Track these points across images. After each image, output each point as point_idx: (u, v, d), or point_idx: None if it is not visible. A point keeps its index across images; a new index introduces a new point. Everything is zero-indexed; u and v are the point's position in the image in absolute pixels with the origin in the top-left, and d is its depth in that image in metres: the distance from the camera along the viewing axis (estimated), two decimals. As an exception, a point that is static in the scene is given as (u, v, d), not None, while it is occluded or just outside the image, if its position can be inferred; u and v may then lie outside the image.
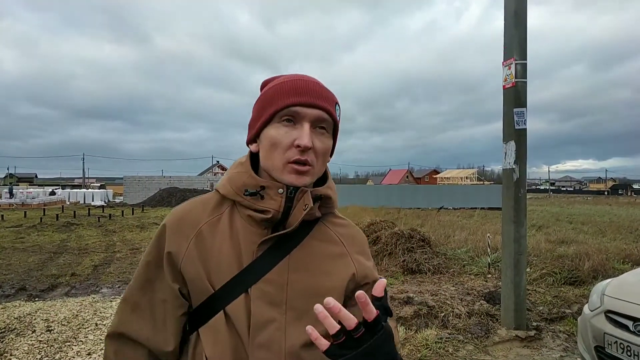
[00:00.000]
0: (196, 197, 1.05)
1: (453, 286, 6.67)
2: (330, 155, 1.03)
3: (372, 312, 0.74)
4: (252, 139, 1.01)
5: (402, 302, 5.51)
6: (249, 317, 0.90)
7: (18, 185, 53.04)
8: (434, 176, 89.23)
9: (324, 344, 0.74)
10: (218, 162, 66.34)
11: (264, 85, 1.04)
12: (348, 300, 0.99)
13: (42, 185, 63.09)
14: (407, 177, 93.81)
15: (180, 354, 0.97)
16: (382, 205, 26.10)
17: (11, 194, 33.53)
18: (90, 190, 43.45)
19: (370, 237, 9.20)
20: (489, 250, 8.06)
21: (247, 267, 0.93)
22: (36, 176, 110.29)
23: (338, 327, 0.73)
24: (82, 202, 36.87)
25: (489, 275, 7.46)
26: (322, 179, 1.05)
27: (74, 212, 21.82)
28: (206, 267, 0.93)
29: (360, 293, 0.72)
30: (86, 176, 78.15)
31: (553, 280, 6.82)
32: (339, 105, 1.02)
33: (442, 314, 5.13)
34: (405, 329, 4.67)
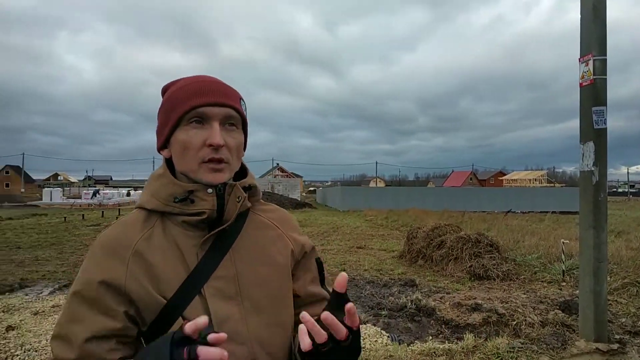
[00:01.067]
0: (118, 220, 1.03)
1: (524, 293, 6.36)
2: (244, 150, 1.05)
3: (342, 331, 0.79)
4: (163, 145, 1.01)
5: (470, 309, 5.33)
6: (209, 316, 0.89)
7: (100, 187, 56.98)
8: (500, 178, 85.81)
9: (307, 345, 0.79)
10: (278, 164, 67.39)
11: (164, 90, 1.04)
12: (294, 275, 1.08)
13: (116, 187, 67.26)
14: (471, 179, 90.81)
15: None
16: (445, 209, 25.44)
17: (94, 195, 36.44)
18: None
19: (434, 241, 8.99)
20: (563, 256, 7.61)
21: (194, 270, 0.93)
22: (111, 178, 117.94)
23: (310, 342, 0.79)
24: (153, 203, 38.85)
25: (564, 283, 7.04)
26: (242, 172, 1.07)
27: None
28: (152, 281, 0.91)
29: (325, 315, 0.77)
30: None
31: (637, 291, 6.32)
32: (243, 101, 1.04)
33: (514, 322, 4.91)
34: (474, 336, 4.51)
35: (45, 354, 3.92)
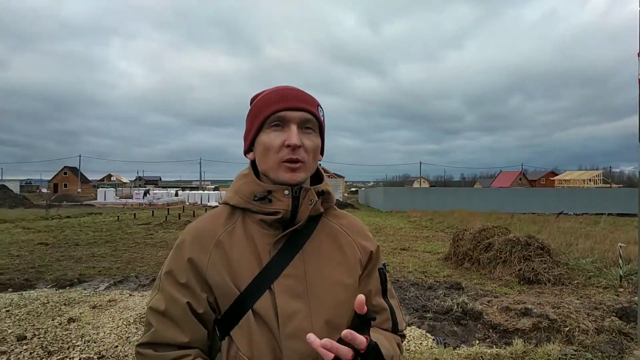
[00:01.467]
0: (206, 213, 1.14)
1: (578, 299, 6.09)
2: (321, 154, 1.12)
3: (362, 342, 0.85)
4: (248, 149, 1.11)
5: (519, 314, 5.17)
6: (276, 311, 0.97)
7: (151, 187, 59.31)
8: (552, 178, 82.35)
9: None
10: (320, 164, 67.50)
11: (252, 100, 1.12)
12: (360, 283, 1.10)
13: (165, 188, 69.65)
14: (520, 179, 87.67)
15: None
16: (493, 210, 24.72)
17: (145, 195, 38.17)
18: (206, 192, 47.00)
19: (482, 243, 8.77)
20: (620, 261, 7.23)
21: (266, 266, 1.00)
22: (160, 179, 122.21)
23: (332, 356, 0.83)
24: (199, 202, 40.05)
25: (621, 289, 6.69)
26: (318, 178, 1.14)
27: (193, 211, 23.81)
28: (229, 272, 1.00)
29: (345, 333, 0.82)
30: (203, 179, 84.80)
31: (703, 299, 5.92)
32: (321, 107, 1.10)
33: (566, 329, 4.71)
34: (524, 341, 4.37)
35: (103, 345, 4.13)
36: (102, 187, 50.86)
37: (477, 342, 4.52)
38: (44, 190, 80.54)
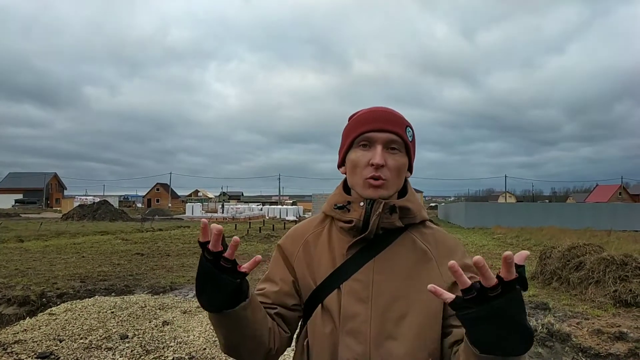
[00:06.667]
0: (308, 217, 1.34)
1: (684, 325, 5.52)
2: (410, 171, 1.20)
3: (512, 273, 0.74)
4: (341, 163, 1.22)
5: (612, 337, 4.81)
6: (339, 309, 1.08)
7: (233, 202, 62.19)
8: (657, 193, 74.53)
9: (449, 297, 0.81)
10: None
11: (350, 118, 1.23)
12: (446, 310, 1.06)
13: (247, 202, 72.51)
14: (620, 193, 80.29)
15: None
16: (587, 227, 22.91)
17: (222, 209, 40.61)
18: (284, 206, 48.32)
19: (572, 262, 8.21)
20: None
21: (339, 267, 1.12)
22: (242, 194, 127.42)
23: (469, 283, 0.78)
24: (278, 217, 41.26)
25: None
26: (404, 193, 1.19)
27: (273, 225, 24.59)
28: (310, 267, 1.16)
29: (477, 258, 0.74)
30: (282, 194, 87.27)
31: None
32: (411, 128, 1.17)
33: (669, 357, 4.31)
34: (618, 368, 4.07)
35: (193, 347, 4.47)
36: (189, 202, 54.05)
37: (565, 365, 4.27)
38: (139, 205, 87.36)
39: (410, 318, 1.06)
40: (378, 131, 1.11)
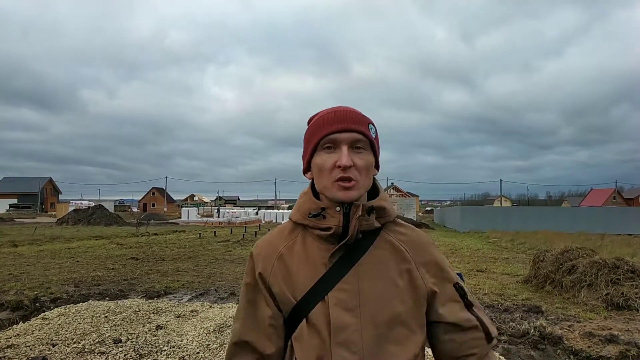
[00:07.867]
0: (274, 228, 1.25)
1: (675, 328, 5.57)
2: (377, 169, 1.16)
3: None
4: (306, 169, 1.18)
5: (603, 340, 4.85)
6: (328, 322, 1.04)
7: (229, 207, 62.11)
8: (651, 197, 74.97)
9: None
10: (393, 183, 66.74)
11: (309, 121, 1.19)
12: (429, 306, 1.12)
13: (242, 207, 72.39)
14: (615, 197, 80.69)
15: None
16: (581, 231, 23.02)
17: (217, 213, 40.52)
18: (280, 210, 48.28)
19: (565, 265, 8.26)
20: None
21: (321, 278, 1.08)
22: (238, 198, 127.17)
23: None
24: (274, 221, 41.23)
25: None
26: (375, 193, 1.17)
27: (268, 229, 24.56)
28: (287, 283, 1.10)
29: None
30: (278, 198, 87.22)
31: None
32: (373, 125, 1.15)
33: (659, 359, 4.35)
34: (609, 370, 4.11)
35: (186, 351, 4.48)
36: (185, 207, 53.95)
37: (556, 368, 4.30)
38: (134, 209, 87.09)
39: (399, 320, 1.06)
40: (342, 132, 1.08)
